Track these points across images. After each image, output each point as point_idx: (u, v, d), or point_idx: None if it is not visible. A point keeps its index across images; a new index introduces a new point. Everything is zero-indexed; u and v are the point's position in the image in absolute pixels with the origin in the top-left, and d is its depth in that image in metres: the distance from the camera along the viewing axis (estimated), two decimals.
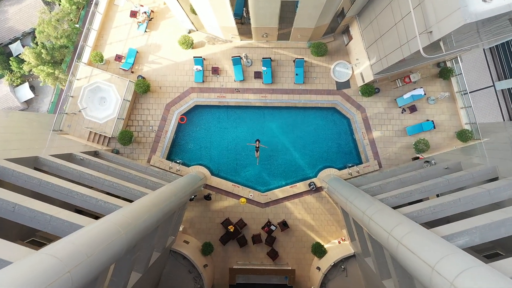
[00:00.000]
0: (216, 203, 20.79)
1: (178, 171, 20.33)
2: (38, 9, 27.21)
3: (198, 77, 20.33)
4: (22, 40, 29.96)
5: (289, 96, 20.58)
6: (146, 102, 20.76)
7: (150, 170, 18.53)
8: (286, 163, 21.24)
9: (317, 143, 21.26)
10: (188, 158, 21.35)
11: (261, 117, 21.36)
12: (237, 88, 20.54)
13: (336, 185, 17.36)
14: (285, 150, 21.26)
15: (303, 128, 21.25)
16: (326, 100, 20.55)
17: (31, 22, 28.79)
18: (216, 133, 21.37)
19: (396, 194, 13.50)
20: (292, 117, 21.27)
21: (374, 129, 20.46)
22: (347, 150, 21.25)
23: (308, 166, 21.30)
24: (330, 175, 19.83)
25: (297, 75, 20.20)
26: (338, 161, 21.23)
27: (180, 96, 20.70)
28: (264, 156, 20.71)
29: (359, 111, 20.48)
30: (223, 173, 21.35)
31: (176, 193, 15.27)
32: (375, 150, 20.44)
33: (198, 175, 19.58)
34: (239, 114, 21.35)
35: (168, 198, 13.76)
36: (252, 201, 20.64)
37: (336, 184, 17.59)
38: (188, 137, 21.38)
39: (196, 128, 21.39)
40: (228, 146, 21.35)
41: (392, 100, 20.40)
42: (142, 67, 20.71)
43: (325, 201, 20.63)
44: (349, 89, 20.53)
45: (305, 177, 21.17)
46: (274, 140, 21.21)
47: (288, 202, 20.69)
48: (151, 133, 20.75)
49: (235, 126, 21.36)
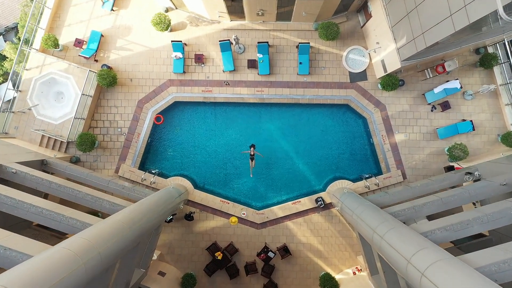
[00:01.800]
0: (200, 223, 16.74)
1: (152, 184, 16.29)
2: (21, 2, 23.55)
3: (177, 67, 16.30)
4: (5, 36, 26.35)
5: (291, 90, 16.55)
6: (114, 98, 16.72)
7: (113, 184, 14.47)
8: (288, 173, 17.20)
9: (326, 148, 17.22)
10: (166, 167, 17.29)
11: (256, 117, 17.32)
12: (226, 81, 16.52)
13: (352, 204, 13.33)
14: (286, 158, 17.23)
15: (308, 130, 17.22)
16: (337, 96, 16.53)
17: (14, 16, 25.42)
18: (201, 136, 17.32)
19: (446, 226, 9.45)
20: (294, 117, 17.24)
21: (397, 131, 16.44)
22: (362, 157, 17.21)
23: (315, 177, 17.25)
24: (342, 189, 15.82)
25: (301, 64, 16.18)
26: (351, 170, 17.18)
27: (155, 90, 16.67)
28: (260, 164, 16.68)
29: (378, 109, 16.46)
30: (210, 186, 17.29)
31: (142, 217, 11.32)
32: (398, 158, 16.42)
33: (177, 189, 15.55)
34: (229, 113, 17.30)
35: (127, 227, 9.74)
36: (245, 220, 16.62)
37: (352, 202, 13.56)
38: (166, 141, 17.32)
39: (176, 131, 17.33)
40: (215, 152, 17.30)
41: (419, 95, 16.39)
42: (108, 54, 16.66)
43: (335, 221, 16.61)
44: (366, 82, 16.51)
45: (311, 191, 17.11)
46: (273, 145, 17.18)
47: (290, 222, 16.66)
48: (119, 137, 16.71)
49: (224, 128, 17.31)
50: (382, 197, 14.16)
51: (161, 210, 13.29)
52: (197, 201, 16.56)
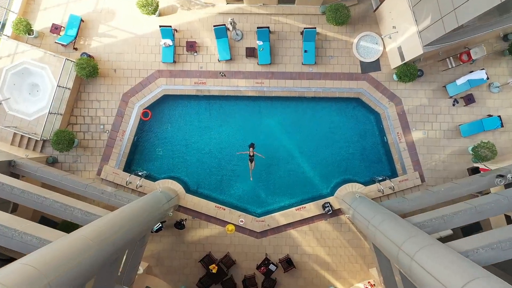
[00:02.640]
0: (193, 231, 14.90)
1: (139, 188, 14.44)
2: None
3: (167, 56, 14.45)
4: None
5: (295, 82, 14.71)
6: (95, 91, 14.87)
7: (92, 189, 12.62)
8: (291, 175, 15.35)
9: (333, 147, 15.38)
10: (154, 169, 15.44)
11: (255, 112, 15.47)
12: (222, 72, 14.67)
13: (367, 212, 11.48)
14: (289, 158, 15.38)
15: (313, 127, 15.37)
16: (347, 88, 14.69)
17: None
18: (194, 134, 15.46)
19: (491, 244, 7.59)
20: (298, 112, 15.39)
21: (414, 128, 14.59)
22: (375, 157, 15.35)
23: (321, 180, 15.40)
24: (353, 194, 13.98)
25: (306, 52, 14.33)
26: (362, 172, 15.33)
27: (142, 82, 14.82)
28: (260, 166, 14.84)
29: (392, 103, 14.61)
30: (203, 190, 15.44)
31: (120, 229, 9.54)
32: (415, 158, 14.57)
33: (166, 194, 13.71)
34: (225, 107, 15.45)
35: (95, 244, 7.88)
36: (243, 229, 14.78)
37: (367, 210, 11.71)
38: (155, 139, 15.46)
39: (166, 128, 15.48)
40: (210, 152, 15.45)
41: (439, 87, 14.54)
42: (89, 42, 14.80)
43: (345, 229, 14.77)
44: (379, 73, 14.66)
45: (317, 196, 15.27)
46: (274, 144, 15.34)
47: (293, 230, 14.82)
48: (102, 135, 14.86)
49: (220, 124, 15.46)
50: (400, 203, 12.30)
51: (145, 219, 11.46)
52: (189, 206, 14.71)
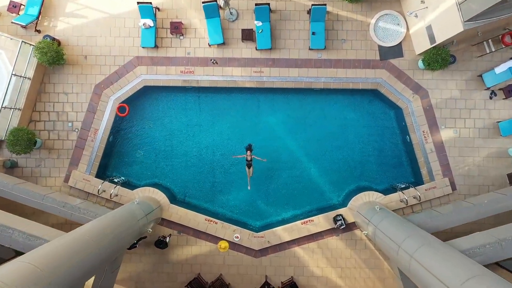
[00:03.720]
0: (179, 249, 12.49)
1: (114, 197, 12.05)
2: None
3: (147, 40, 12.06)
4: None
5: (300, 71, 12.31)
6: (63, 82, 12.47)
7: (50, 201, 10.22)
8: (295, 182, 12.97)
9: (346, 149, 12.99)
10: (133, 174, 13.04)
11: (254, 107, 13.09)
12: (213, 59, 12.28)
13: (395, 233, 9.05)
14: (293, 162, 12.99)
15: (322, 125, 12.99)
16: (363, 78, 12.30)
17: None
18: (180, 133, 13.07)
19: None
20: (304, 107, 13.01)
21: (443, 125, 12.20)
22: (395, 160, 12.95)
23: (332, 188, 13.01)
24: (371, 205, 11.60)
25: (313, 34, 11.93)
26: (380, 178, 12.94)
27: (118, 71, 12.43)
28: (259, 171, 12.46)
29: (417, 96, 12.22)
30: (192, 200, 13.05)
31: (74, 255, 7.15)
32: (444, 161, 12.17)
33: (146, 205, 11.32)
34: (217, 101, 13.06)
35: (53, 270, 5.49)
36: (239, 246, 12.39)
37: (395, 228, 9.29)
38: (134, 140, 13.07)
39: (147, 125, 13.09)
40: (200, 155, 13.06)
41: (473, 76, 12.16)
42: (55, 23, 12.40)
43: (360, 246, 12.37)
44: (401, 59, 12.27)
45: (326, 206, 12.89)
46: (276, 145, 12.96)
47: (298, 247, 12.43)
48: (70, 134, 12.48)
49: (211, 122, 13.06)
50: (433, 219, 9.92)
51: (114, 239, 9.07)
52: (175, 220, 12.31)
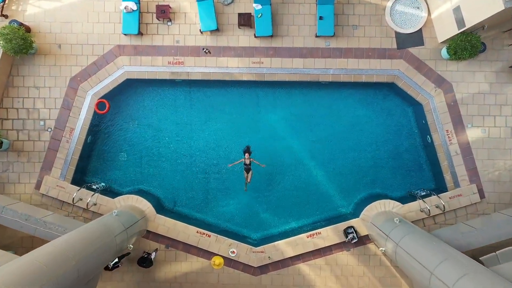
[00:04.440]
0: (166, 266, 10.90)
1: (92, 207, 10.48)
2: None
3: (129, 26, 10.49)
4: None
5: (306, 61, 10.74)
6: (33, 75, 10.90)
7: (11, 213, 8.65)
8: (300, 188, 11.39)
9: (357, 151, 11.41)
10: (116, 180, 11.45)
11: (252, 104, 11.51)
12: (205, 47, 10.71)
13: (420, 251, 7.46)
14: (297, 165, 11.42)
15: (330, 124, 11.42)
16: (377, 70, 10.73)
17: None
18: (169, 133, 11.50)
19: None
20: (310, 103, 11.44)
21: (470, 124, 10.63)
22: (414, 164, 11.36)
23: (341, 195, 11.43)
24: (386, 215, 10.04)
25: (321, 19, 10.37)
26: (396, 184, 11.36)
27: (97, 62, 10.86)
28: (259, 175, 10.89)
29: (440, 90, 10.64)
30: (182, 209, 11.47)
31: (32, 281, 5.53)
32: (471, 165, 10.59)
33: (127, 217, 9.74)
34: (211, 97, 11.48)
35: None
36: (235, 263, 10.80)
37: (419, 246, 7.71)
38: (116, 140, 11.48)
39: (131, 124, 11.51)
40: (191, 158, 11.48)
41: (505, 68, 10.58)
42: (24, 6, 10.82)
43: (375, 262, 10.78)
44: (422, 48, 10.70)
45: (335, 216, 11.32)
46: (278, 146, 11.39)
47: (303, 264, 10.84)
48: (43, 134, 10.90)
49: (204, 120, 11.49)
50: (465, 235, 8.36)
51: (84, 259, 7.48)
52: (162, 232, 10.72)
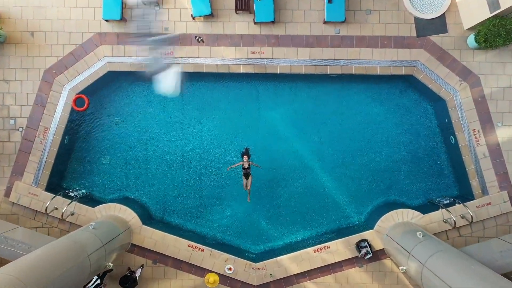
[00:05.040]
0: (154, 285, 9.56)
1: (68, 217, 9.17)
2: None
3: (111, 10, 9.17)
4: None
5: (313, 51, 9.43)
6: (2, 67, 9.59)
7: None
8: (305, 195, 10.07)
9: (370, 153, 10.09)
10: (97, 186, 10.12)
11: (251, 99, 10.19)
12: (198, 35, 9.41)
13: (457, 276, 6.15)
14: (303, 169, 10.10)
15: (339, 123, 10.11)
16: (394, 60, 9.41)
17: None
18: (159, 134, 10.17)
19: None
20: (317, 99, 10.13)
21: (500, 122, 9.32)
22: (434, 168, 10.02)
23: (352, 203, 10.11)
24: (405, 226, 8.75)
25: (330, 3, 9.06)
26: (415, 191, 10.03)
27: (75, 52, 9.54)
28: (259, 181, 9.57)
29: (465, 84, 9.33)
30: (172, 219, 10.14)
31: None
32: (502, 169, 9.27)
33: (108, 230, 8.44)
34: (204, 92, 10.16)
35: None
36: (232, 280, 9.47)
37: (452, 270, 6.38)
38: (97, 141, 10.15)
39: (114, 123, 10.19)
40: (182, 160, 10.15)
41: None
42: None
43: (391, 280, 9.45)
44: (445, 36, 9.38)
45: (345, 227, 10.00)
46: (280, 148, 10.08)
47: (310, 282, 9.50)
48: (13, 134, 9.59)
49: (198, 118, 10.17)
50: (504, 254, 7.01)
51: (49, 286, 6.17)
52: (149, 246, 9.40)
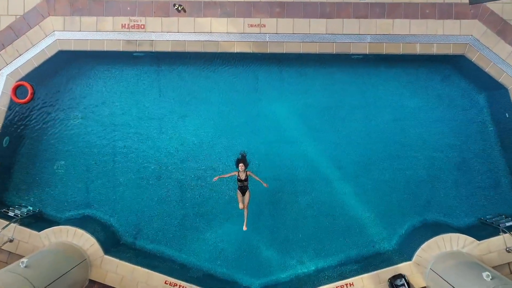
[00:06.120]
0: None
1: (5, 245, 6.86)
2: None
3: None
4: None
5: (330, 24, 7.13)
6: None
7: None
8: (319, 214, 7.76)
9: (403, 159, 7.78)
10: (49, 202, 7.79)
11: (248, 89, 7.89)
12: (177, 3, 7.08)
13: None
14: (316, 179, 7.79)
15: (363, 119, 7.83)
16: (439, 36, 7.12)
17: None
18: (128, 133, 7.86)
19: None
20: (333, 89, 7.83)
21: None
22: (487, 177, 7.70)
23: (380, 224, 7.79)
24: (458, 257, 6.48)
25: None
26: (462, 208, 7.72)
27: (15, 26, 7.23)
28: (259, 195, 7.25)
29: None
30: (146, 244, 7.79)
31: None
32: None
33: (52, 264, 6.13)
34: (187, 80, 7.85)
35: None
36: None
37: None
38: (48, 144, 7.82)
39: (72, 119, 7.85)
40: (160, 168, 7.82)
41: None
42: None
43: None
44: (507, 2, 7.07)
45: (372, 255, 7.68)
46: (285, 152, 7.81)
47: None
48: None
49: (179, 113, 7.87)
50: None
51: None
52: (112, 283, 7.12)
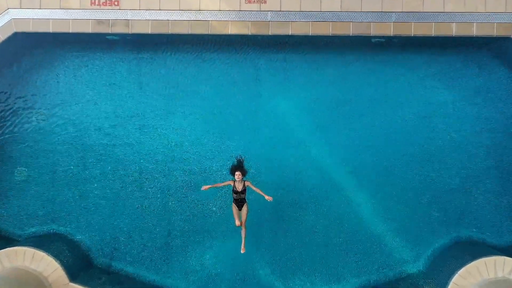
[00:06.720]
0: None
1: None
2: None
3: None
4: None
5: (347, 1, 5.78)
6: None
7: None
8: (331, 230, 6.45)
9: (432, 163, 6.47)
10: (6, 216, 6.51)
11: (246, 80, 6.58)
12: None
13: None
14: (326, 190, 6.50)
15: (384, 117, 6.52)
16: (480, 13, 5.78)
17: None
18: (102, 133, 6.56)
19: None
20: (349, 81, 6.51)
21: None
22: None
23: (403, 241, 6.47)
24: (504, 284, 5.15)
25: None
26: (503, 223, 6.41)
27: None
28: (259, 208, 5.97)
29: None
30: (124, 267, 6.51)
31: None
32: None
33: None
34: (173, 69, 6.54)
35: None
36: None
37: None
38: (5, 146, 6.54)
39: (34, 117, 6.57)
40: (140, 175, 6.53)
41: None
42: None
43: None
44: None
45: (395, 280, 6.37)
46: (290, 157, 6.51)
47: None
48: None
49: (164, 110, 6.57)
50: None
51: None
52: None
